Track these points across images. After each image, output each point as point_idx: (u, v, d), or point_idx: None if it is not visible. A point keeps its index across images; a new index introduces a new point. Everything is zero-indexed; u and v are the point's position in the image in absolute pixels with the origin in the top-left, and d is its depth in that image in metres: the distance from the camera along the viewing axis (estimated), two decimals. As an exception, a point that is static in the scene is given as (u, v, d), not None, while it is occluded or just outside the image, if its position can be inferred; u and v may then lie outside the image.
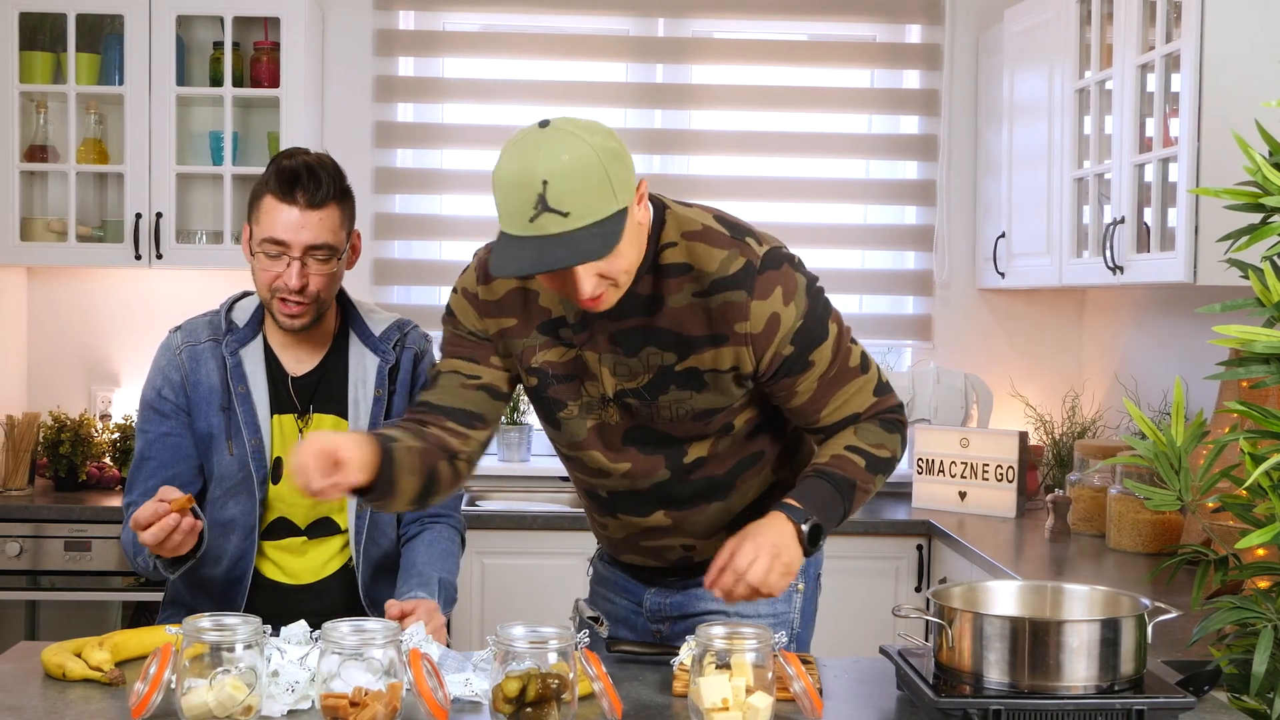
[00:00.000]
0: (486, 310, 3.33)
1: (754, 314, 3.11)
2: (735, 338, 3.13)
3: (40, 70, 6.23)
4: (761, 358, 3.15)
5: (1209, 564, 3.27)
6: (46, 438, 6.17)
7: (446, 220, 6.79)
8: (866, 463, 3.25)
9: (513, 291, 3.29)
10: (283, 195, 3.60)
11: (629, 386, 3.23)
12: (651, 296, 3.15)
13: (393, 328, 3.92)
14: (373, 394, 3.83)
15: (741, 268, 3.12)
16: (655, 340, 3.18)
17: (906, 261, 6.87)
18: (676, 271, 3.14)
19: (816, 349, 3.19)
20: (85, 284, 6.62)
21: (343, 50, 6.68)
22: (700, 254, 3.13)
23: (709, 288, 3.12)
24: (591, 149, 2.88)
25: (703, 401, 3.22)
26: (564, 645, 2.82)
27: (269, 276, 3.64)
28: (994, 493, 5.96)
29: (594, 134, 2.92)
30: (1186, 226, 4.53)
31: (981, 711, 2.79)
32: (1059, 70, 5.63)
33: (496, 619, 5.22)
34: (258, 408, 3.76)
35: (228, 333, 3.81)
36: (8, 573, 5.75)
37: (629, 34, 6.83)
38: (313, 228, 3.61)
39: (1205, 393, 4.86)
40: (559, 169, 2.86)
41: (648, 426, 3.28)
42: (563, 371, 3.28)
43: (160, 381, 3.82)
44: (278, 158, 3.68)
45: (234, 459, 3.75)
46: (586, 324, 3.20)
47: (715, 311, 3.13)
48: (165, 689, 2.82)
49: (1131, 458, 3.36)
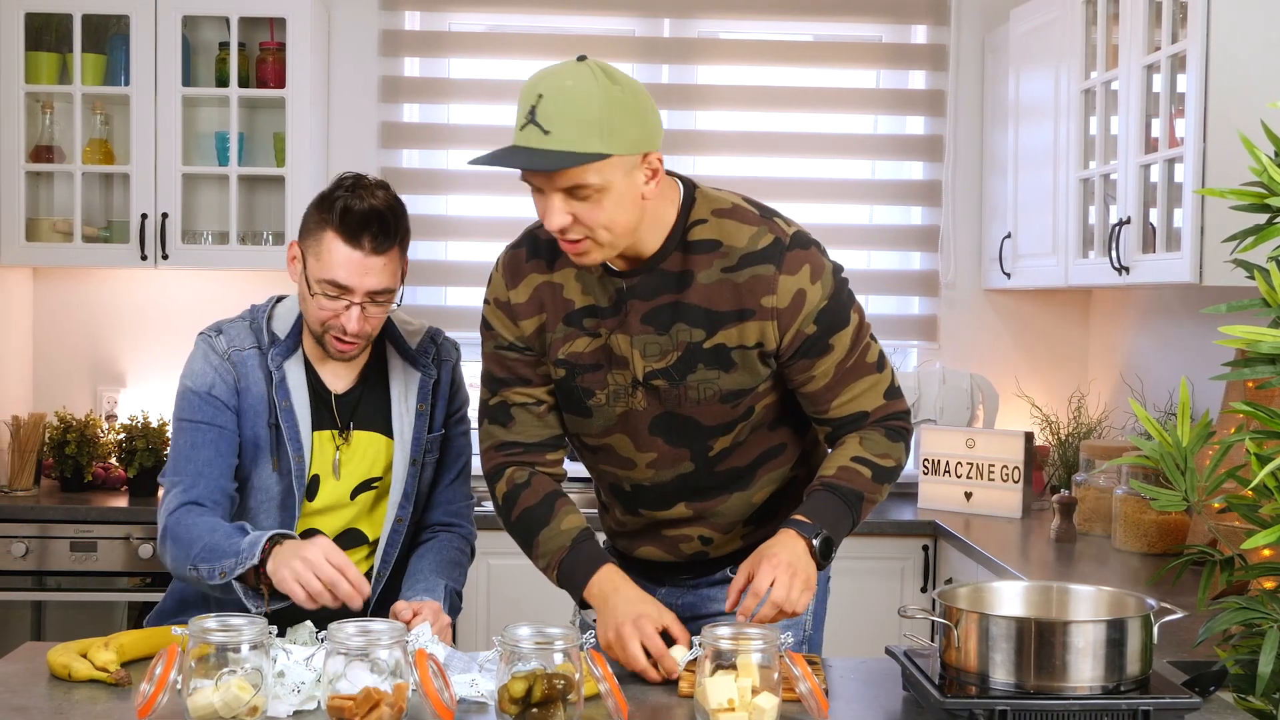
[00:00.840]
0: (517, 313, 3.36)
1: (781, 288, 3.18)
2: (761, 312, 3.19)
3: (46, 71, 6.24)
4: (785, 333, 3.21)
5: (1215, 564, 3.27)
6: (52, 438, 6.18)
7: (452, 221, 6.79)
8: (873, 473, 3.28)
9: (538, 288, 3.33)
10: (348, 238, 3.47)
11: (657, 367, 3.26)
12: (681, 273, 3.21)
13: (426, 340, 3.86)
14: (415, 409, 3.78)
15: (770, 243, 3.19)
16: (685, 316, 3.22)
17: (912, 262, 6.87)
18: (706, 248, 3.20)
19: (837, 334, 3.24)
20: (91, 284, 6.62)
21: (348, 51, 6.68)
22: (730, 230, 3.21)
23: (738, 262, 3.19)
24: (598, 88, 2.96)
25: (729, 382, 3.26)
26: (570, 646, 2.82)
27: (325, 314, 3.54)
28: (1000, 493, 5.96)
29: (614, 82, 2.99)
30: (1192, 227, 4.53)
31: (987, 712, 2.79)
32: (1065, 71, 5.63)
33: (502, 619, 5.21)
34: (300, 424, 3.67)
35: (270, 345, 3.69)
36: (13, 573, 5.76)
37: (635, 34, 6.84)
38: (376, 273, 3.50)
39: (1211, 393, 4.86)
40: (557, 91, 2.95)
41: (674, 412, 3.31)
42: (589, 361, 3.32)
43: (211, 379, 3.66)
44: (342, 192, 3.53)
45: (276, 474, 3.67)
46: (619, 307, 3.25)
47: (743, 286, 3.19)
48: (171, 690, 2.82)
49: (1137, 458, 3.35)
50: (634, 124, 3.00)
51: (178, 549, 3.53)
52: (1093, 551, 5.12)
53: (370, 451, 3.75)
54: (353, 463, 3.73)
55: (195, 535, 3.49)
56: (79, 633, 5.37)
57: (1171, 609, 3.00)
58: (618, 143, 2.98)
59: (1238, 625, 3.18)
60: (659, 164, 3.08)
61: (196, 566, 3.47)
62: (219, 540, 3.45)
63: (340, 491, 3.73)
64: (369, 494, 3.76)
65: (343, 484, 3.73)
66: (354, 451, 3.74)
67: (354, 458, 3.74)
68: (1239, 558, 3.25)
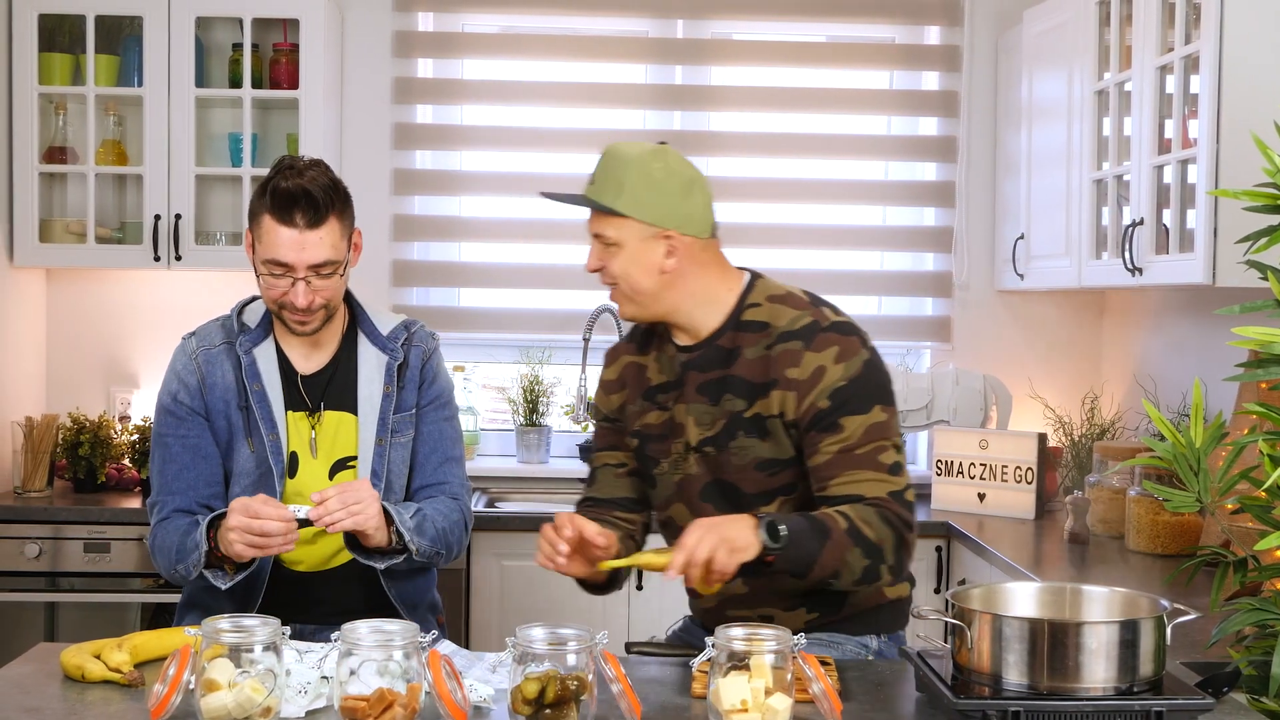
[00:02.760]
0: (609, 388, 3.84)
1: (804, 362, 3.46)
2: (784, 382, 3.47)
3: (59, 72, 6.25)
4: (801, 403, 3.46)
5: (1228, 565, 3.27)
6: (65, 439, 6.19)
7: (465, 221, 6.79)
8: (848, 526, 3.33)
9: (626, 367, 3.81)
10: (281, 218, 3.69)
11: (707, 435, 3.58)
12: (731, 349, 3.56)
13: (399, 327, 4.03)
14: (381, 391, 3.94)
15: (806, 324, 3.51)
16: (731, 388, 3.55)
17: (925, 263, 6.86)
18: (755, 328, 3.55)
19: (850, 417, 3.43)
20: (104, 285, 6.63)
21: (362, 51, 6.68)
22: (778, 313, 3.55)
23: (775, 339, 3.51)
24: (639, 160, 3.46)
25: (765, 450, 3.52)
26: (583, 647, 2.83)
27: (276, 293, 3.76)
28: (1013, 494, 5.96)
29: (661, 162, 3.48)
30: (1205, 228, 4.52)
31: (1000, 713, 2.79)
32: (1078, 71, 5.62)
33: (515, 621, 5.21)
34: (273, 405, 3.87)
35: (240, 334, 3.90)
36: (27, 574, 5.76)
37: (648, 35, 6.83)
38: (313, 247, 3.70)
39: (1224, 394, 4.85)
40: (611, 155, 3.50)
41: (721, 479, 3.59)
42: (656, 432, 3.69)
43: (176, 386, 3.90)
44: (274, 174, 3.75)
45: (253, 455, 3.84)
46: (681, 380, 3.64)
47: (775, 359, 3.49)
48: (184, 690, 2.83)
49: (1150, 459, 3.36)
50: (659, 200, 3.46)
51: (162, 558, 3.84)
52: (1106, 552, 5.11)
53: (342, 431, 3.92)
54: (327, 442, 3.91)
55: (169, 543, 3.79)
56: (92, 634, 5.37)
57: (1185, 610, 3.00)
58: (633, 207, 3.45)
59: (1251, 626, 3.18)
60: (681, 245, 3.49)
61: (177, 568, 3.76)
62: (183, 540, 3.73)
63: (319, 470, 3.89)
64: (348, 473, 3.91)
65: (320, 462, 3.90)
66: (326, 430, 3.91)
67: (327, 437, 3.91)
68: (1252, 559, 3.25)
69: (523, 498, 6.46)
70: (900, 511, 3.41)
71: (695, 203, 3.51)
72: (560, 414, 6.86)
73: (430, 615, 4.02)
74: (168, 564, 3.79)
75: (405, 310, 6.01)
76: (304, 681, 2.99)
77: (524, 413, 6.72)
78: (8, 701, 3.01)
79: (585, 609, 5.07)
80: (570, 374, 6.83)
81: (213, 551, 3.65)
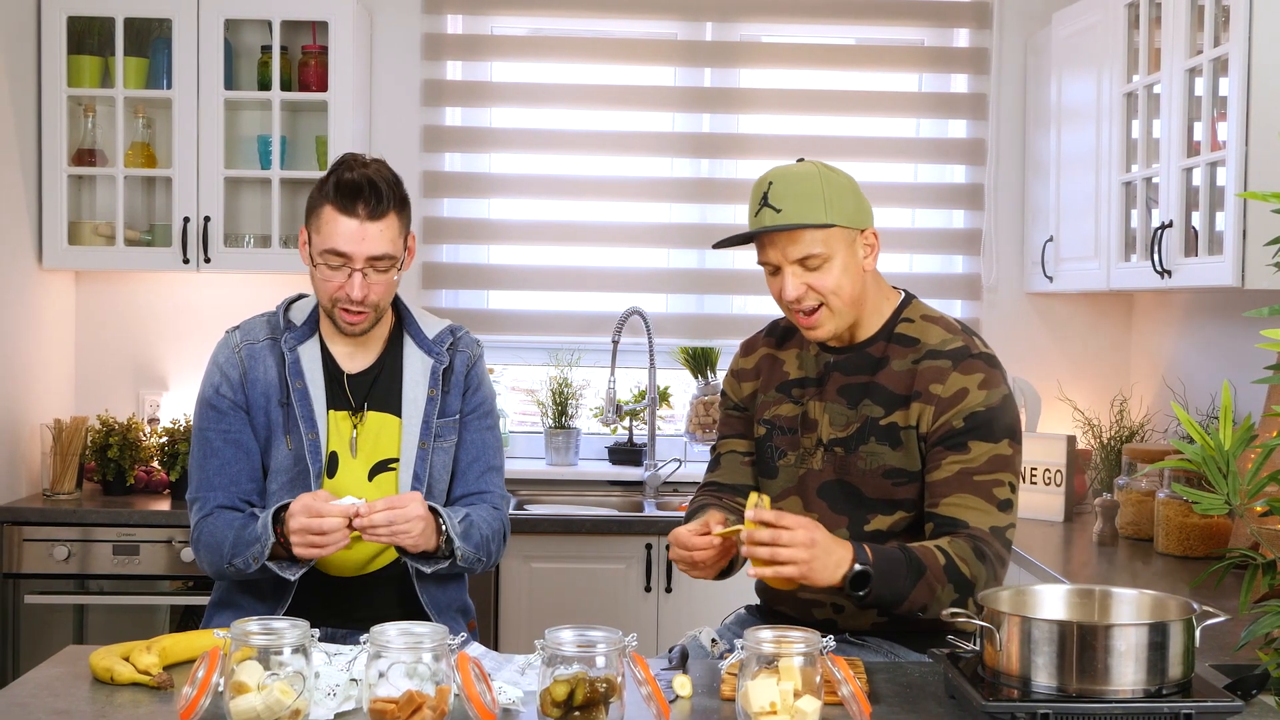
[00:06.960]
0: (742, 376, 3.94)
1: (949, 381, 3.59)
2: (926, 396, 3.59)
3: (88, 74, 6.26)
4: (937, 419, 3.58)
5: (1257, 568, 3.25)
6: (94, 442, 6.20)
7: (495, 224, 6.79)
8: (945, 563, 3.42)
9: (763, 358, 3.92)
10: (343, 208, 3.72)
11: (839, 435, 3.68)
12: (880, 359, 3.69)
13: (445, 331, 4.05)
14: (425, 394, 3.94)
15: (958, 347, 3.64)
16: (872, 395, 3.66)
17: (954, 265, 6.86)
18: (906, 342, 3.68)
19: (979, 442, 3.55)
20: (133, 288, 6.64)
21: (391, 54, 6.69)
22: (930, 331, 3.69)
23: (924, 355, 3.64)
24: (815, 171, 3.56)
25: (894, 459, 3.62)
26: (612, 649, 2.83)
27: (331, 286, 3.77)
28: (1042, 496, 5.94)
29: (828, 168, 3.59)
30: (1234, 230, 4.51)
31: (1029, 715, 2.79)
32: (1107, 74, 5.61)
33: (544, 623, 5.21)
34: (314, 403, 3.87)
35: (285, 330, 3.92)
36: (56, 576, 5.78)
37: (677, 38, 6.83)
38: (373, 239, 3.73)
39: (1253, 396, 4.84)
40: (783, 177, 3.55)
41: (843, 480, 3.68)
42: (786, 424, 3.79)
43: (218, 379, 3.91)
44: (337, 168, 3.80)
45: (291, 453, 3.85)
46: (823, 378, 3.75)
47: (920, 373, 3.62)
48: (213, 692, 2.83)
49: (1179, 461, 3.34)
50: (850, 201, 3.57)
51: (210, 554, 3.80)
52: (1135, 555, 5.10)
53: (384, 432, 3.92)
54: (368, 443, 3.90)
55: (221, 537, 3.76)
56: (121, 636, 5.39)
57: (1213, 612, 2.99)
58: (838, 214, 3.53)
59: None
60: (875, 240, 3.64)
61: (232, 562, 3.73)
62: (240, 533, 3.72)
63: (359, 471, 3.89)
64: (388, 475, 3.91)
65: (360, 462, 3.89)
66: (368, 431, 3.91)
67: (369, 438, 3.91)
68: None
69: (551, 500, 6.46)
70: (999, 549, 3.51)
71: (864, 196, 3.64)
72: (589, 416, 6.87)
73: (461, 619, 4.02)
74: (217, 560, 3.77)
75: (434, 313, 6.01)
76: (333, 684, 2.99)
77: (553, 415, 6.72)
78: (37, 704, 3.02)
79: (614, 611, 5.07)
80: (599, 376, 6.84)
81: (276, 543, 3.65)
